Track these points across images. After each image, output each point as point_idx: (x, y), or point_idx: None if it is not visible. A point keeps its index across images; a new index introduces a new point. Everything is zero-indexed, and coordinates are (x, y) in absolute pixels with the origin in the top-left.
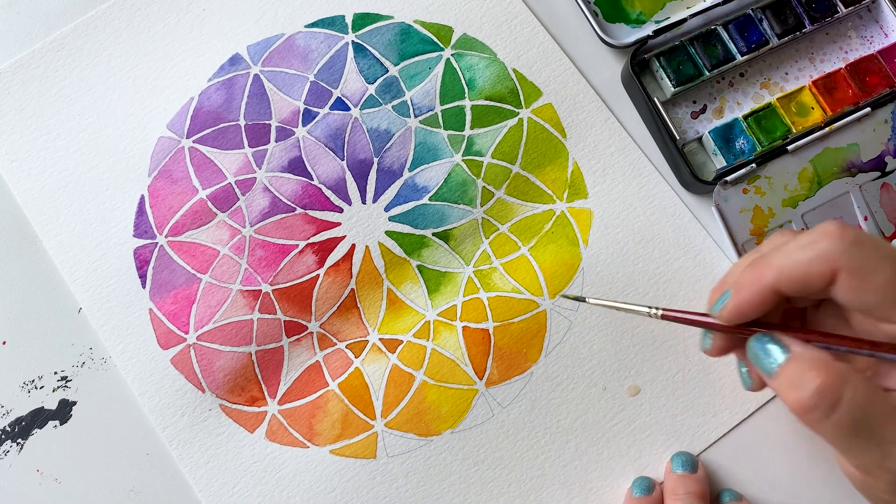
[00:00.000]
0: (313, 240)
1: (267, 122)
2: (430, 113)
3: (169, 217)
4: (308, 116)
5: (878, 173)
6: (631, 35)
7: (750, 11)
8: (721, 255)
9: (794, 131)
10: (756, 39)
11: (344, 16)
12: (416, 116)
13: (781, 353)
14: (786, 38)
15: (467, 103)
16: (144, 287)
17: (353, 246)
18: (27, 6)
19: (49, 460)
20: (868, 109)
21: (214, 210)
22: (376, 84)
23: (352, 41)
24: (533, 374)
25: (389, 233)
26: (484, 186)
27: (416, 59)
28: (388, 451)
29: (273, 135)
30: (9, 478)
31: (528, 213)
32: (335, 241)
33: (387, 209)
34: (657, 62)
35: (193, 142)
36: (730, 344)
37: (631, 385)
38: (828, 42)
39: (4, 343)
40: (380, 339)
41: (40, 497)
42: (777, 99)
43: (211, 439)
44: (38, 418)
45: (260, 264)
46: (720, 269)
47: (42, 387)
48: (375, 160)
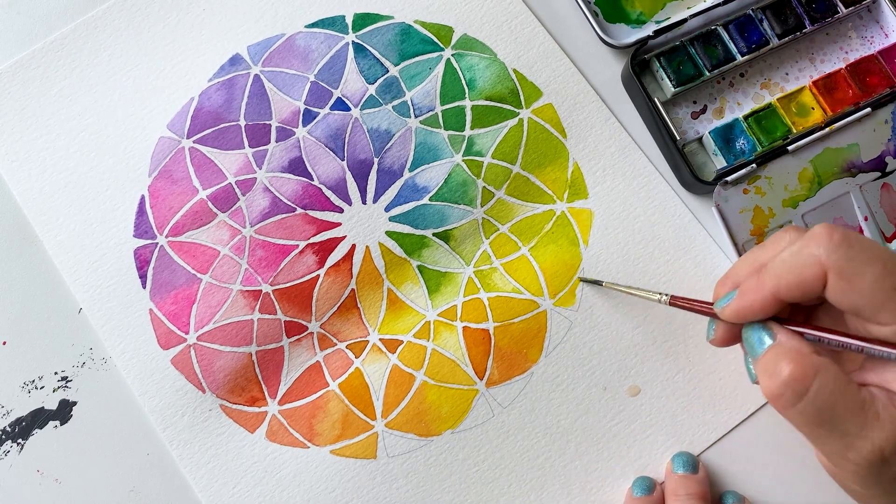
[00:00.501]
0: (314, 240)
1: (267, 123)
2: (431, 113)
3: (169, 217)
4: (308, 117)
5: (879, 173)
6: (631, 35)
7: (750, 12)
8: (721, 256)
9: (795, 131)
10: (756, 40)
11: (344, 16)
12: (417, 117)
13: (768, 340)
14: (786, 39)
15: (468, 103)
16: (145, 287)
17: (354, 246)
18: (27, 6)
19: (49, 460)
20: (868, 110)
21: (215, 210)
22: (377, 84)
23: (352, 41)
24: (533, 375)
25: (390, 233)
26: (484, 187)
27: (417, 60)
28: (389, 452)
29: (273, 135)
30: (9, 478)
31: (529, 214)
32: (335, 242)
33: (387, 209)
34: (657, 62)
35: (194, 142)
36: (734, 334)
37: (631, 385)
38: (828, 42)
39: (5, 343)
40: (380, 340)
41: (40, 497)
42: (777, 99)
43: (211, 439)
44: (39, 418)
45: (260, 264)
46: (720, 269)
47: (42, 387)
48: (376, 160)
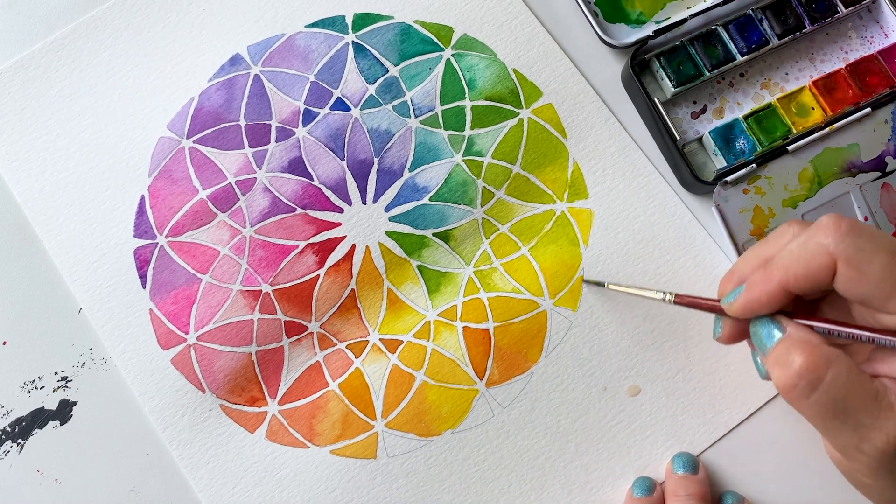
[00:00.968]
0: (313, 240)
1: (267, 123)
2: (431, 113)
3: (169, 217)
4: (308, 117)
5: (879, 173)
6: (631, 35)
7: (750, 12)
8: (721, 255)
9: (795, 131)
10: (756, 40)
11: (344, 16)
12: (417, 117)
13: (778, 333)
14: (786, 39)
15: (467, 103)
16: (145, 287)
17: (354, 246)
18: (27, 6)
19: (49, 460)
20: (868, 110)
21: (215, 210)
22: (376, 84)
23: (352, 41)
24: (533, 375)
25: (390, 233)
26: (484, 187)
27: (417, 60)
28: (389, 452)
29: (273, 135)
30: (9, 478)
31: (529, 214)
32: (335, 242)
33: (387, 209)
34: (657, 62)
35: (194, 142)
36: (741, 330)
37: (631, 385)
38: (828, 42)
39: (5, 343)
40: (380, 340)
41: (40, 497)
42: (777, 99)
43: (211, 439)
44: (39, 418)
45: (260, 264)
46: (720, 269)
47: (42, 387)
48: (376, 160)
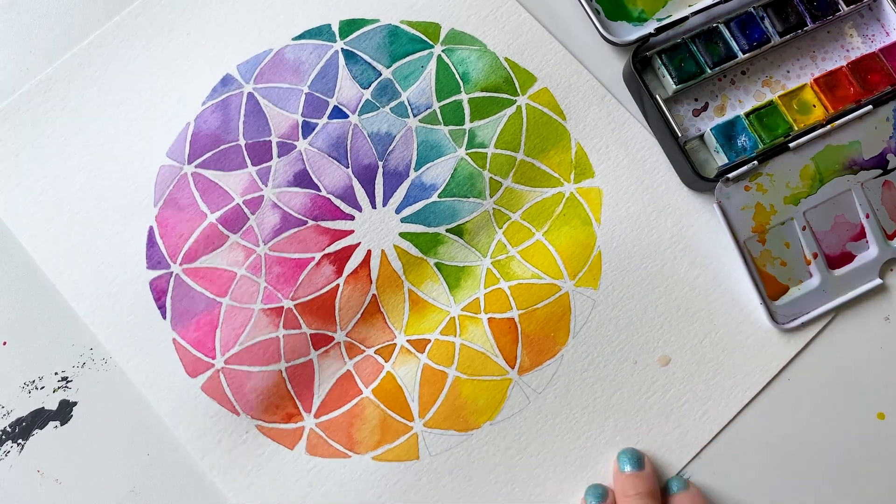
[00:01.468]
0: (328, 250)
1: (267, 139)
2: (429, 111)
3: (181, 245)
4: (307, 128)
5: (880, 171)
6: (633, 33)
7: (752, 9)
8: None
9: (796, 129)
10: (758, 37)
11: (330, 24)
12: (415, 116)
13: None
14: (787, 36)
15: (464, 97)
16: (165, 318)
17: (369, 251)
18: (27, 6)
19: (49, 461)
20: (870, 107)
21: (226, 232)
22: (371, 88)
23: (341, 48)
24: (563, 357)
25: (403, 234)
26: (491, 177)
27: (408, 59)
28: (431, 451)
29: (275, 150)
30: (9, 478)
31: (538, 199)
32: (350, 249)
33: (398, 211)
34: (659, 60)
35: (195, 167)
36: None
37: (661, 356)
38: (829, 40)
39: (5, 343)
40: (407, 341)
41: (41, 498)
42: (779, 97)
43: (251, 461)
44: (39, 419)
45: (278, 281)
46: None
47: (42, 387)
48: (380, 164)
